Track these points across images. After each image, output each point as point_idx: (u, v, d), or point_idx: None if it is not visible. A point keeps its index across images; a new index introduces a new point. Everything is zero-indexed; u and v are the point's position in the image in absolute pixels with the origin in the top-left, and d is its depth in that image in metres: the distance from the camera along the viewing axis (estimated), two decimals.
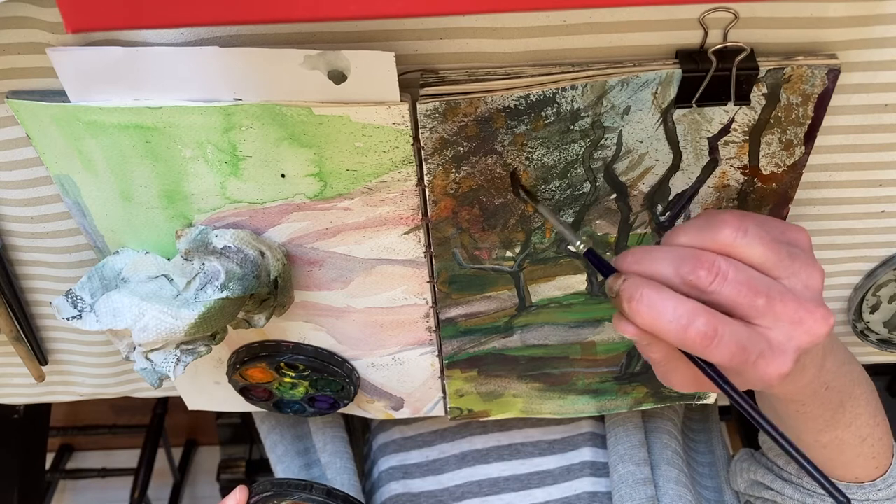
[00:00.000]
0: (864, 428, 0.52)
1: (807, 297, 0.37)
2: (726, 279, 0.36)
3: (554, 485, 0.65)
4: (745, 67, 0.39)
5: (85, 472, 1.59)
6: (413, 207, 0.45)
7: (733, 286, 0.36)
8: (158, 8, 0.29)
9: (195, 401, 0.63)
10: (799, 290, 0.37)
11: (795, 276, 0.37)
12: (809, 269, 0.38)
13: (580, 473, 0.64)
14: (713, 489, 0.67)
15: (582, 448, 0.66)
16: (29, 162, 0.45)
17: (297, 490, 0.52)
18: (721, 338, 0.35)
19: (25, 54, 0.40)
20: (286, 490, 0.52)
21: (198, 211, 0.45)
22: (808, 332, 0.37)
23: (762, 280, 0.37)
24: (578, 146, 0.42)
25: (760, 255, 0.37)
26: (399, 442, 0.71)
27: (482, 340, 0.55)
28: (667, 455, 0.63)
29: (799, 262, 0.38)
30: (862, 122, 0.44)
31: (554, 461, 0.66)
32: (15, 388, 0.62)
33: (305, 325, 0.53)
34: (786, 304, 0.36)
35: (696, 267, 0.36)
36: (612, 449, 0.64)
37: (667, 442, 0.64)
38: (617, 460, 0.62)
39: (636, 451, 0.62)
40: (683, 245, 0.38)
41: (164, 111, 0.40)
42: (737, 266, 0.36)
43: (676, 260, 0.37)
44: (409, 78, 0.40)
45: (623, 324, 0.38)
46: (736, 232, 0.37)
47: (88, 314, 0.45)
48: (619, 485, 0.61)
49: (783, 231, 0.40)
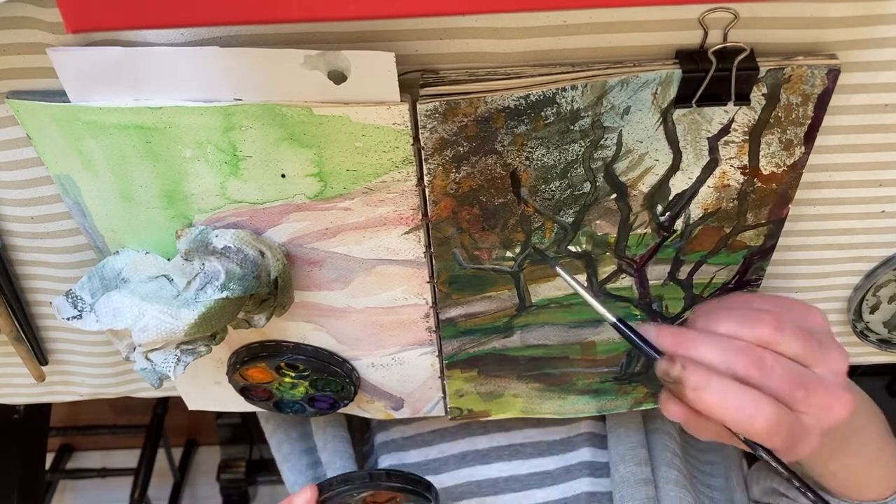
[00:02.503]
0: (872, 454, 0.55)
1: (834, 382, 0.42)
2: (773, 374, 0.40)
3: (553, 485, 0.65)
4: (745, 67, 0.39)
5: (85, 472, 1.59)
6: (413, 207, 0.45)
7: (778, 380, 0.40)
8: (158, 8, 0.29)
9: (195, 401, 0.63)
10: (828, 378, 0.42)
11: (825, 364, 0.42)
12: (835, 355, 0.42)
13: (579, 474, 0.65)
14: (719, 489, 0.67)
15: (581, 448, 0.66)
16: (29, 162, 0.45)
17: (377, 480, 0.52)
18: (781, 427, 0.39)
19: (25, 54, 0.40)
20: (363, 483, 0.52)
21: (198, 211, 0.45)
22: (834, 416, 0.41)
23: (800, 372, 0.41)
24: (578, 146, 0.42)
25: (796, 350, 0.41)
26: (399, 442, 0.71)
27: (482, 340, 0.55)
28: (667, 457, 0.63)
29: (827, 349, 0.42)
30: (862, 122, 0.44)
31: (553, 462, 0.66)
32: (15, 388, 0.62)
33: (305, 325, 0.53)
34: (818, 392, 0.41)
35: (748, 364, 0.40)
36: (612, 449, 0.64)
37: (667, 443, 0.64)
38: (618, 460, 0.63)
39: (637, 451, 0.62)
40: (724, 335, 0.42)
41: (164, 111, 0.40)
42: (781, 362, 0.41)
43: (727, 352, 0.41)
44: (409, 78, 0.40)
45: (672, 408, 0.43)
46: (776, 332, 0.41)
47: (88, 314, 0.45)
48: (620, 485, 0.61)
49: (805, 316, 0.44)
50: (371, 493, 0.53)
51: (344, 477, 0.52)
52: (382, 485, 0.53)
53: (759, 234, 0.48)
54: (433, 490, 0.54)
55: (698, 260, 0.50)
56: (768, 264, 0.50)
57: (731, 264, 0.50)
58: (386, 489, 0.53)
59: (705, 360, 0.41)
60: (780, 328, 0.41)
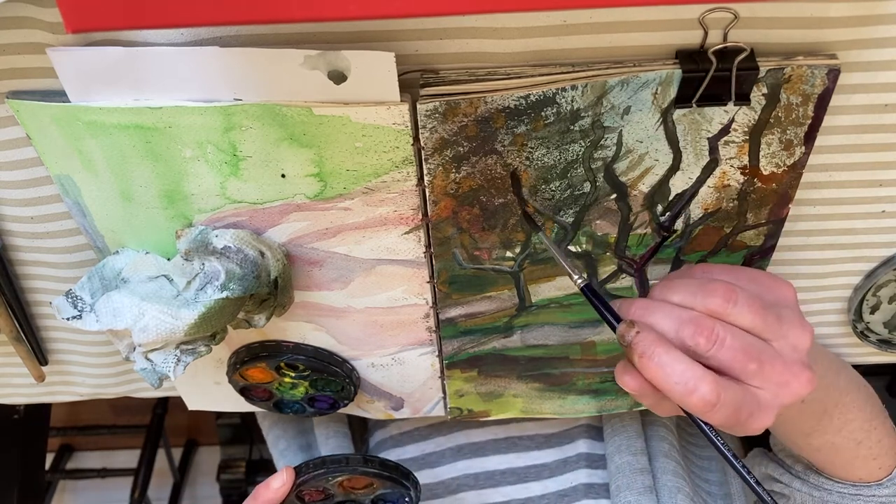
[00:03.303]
0: (858, 432, 0.53)
1: (793, 358, 0.41)
2: (723, 345, 0.39)
3: (550, 478, 0.65)
4: (745, 67, 0.39)
5: (85, 472, 1.59)
6: (413, 207, 0.45)
7: (728, 352, 0.39)
8: (158, 8, 0.29)
9: (195, 401, 0.63)
10: (787, 353, 0.40)
11: (784, 339, 0.41)
12: (797, 331, 0.41)
13: (576, 466, 0.65)
14: (717, 483, 0.68)
15: (577, 441, 0.66)
16: (29, 162, 0.45)
17: (354, 465, 0.52)
18: (721, 404, 0.38)
19: (25, 54, 0.40)
20: (339, 466, 0.52)
21: (198, 211, 0.45)
22: (792, 393, 0.40)
23: (755, 344, 0.40)
24: (578, 146, 0.42)
25: (750, 322, 0.40)
26: (396, 438, 0.71)
27: (482, 340, 0.55)
28: (664, 448, 0.63)
29: (787, 323, 0.41)
30: (862, 122, 0.44)
31: (550, 454, 0.66)
32: (15, 388, 0.62)
33: (305, 325, 0.53)
34: (774, 367, 0.40)
35: (696, 333, 0.39)
36: (608, 440, 0.64)
37: (664, 435, 0.64)
38: (614, 451, 0.63)
39: (633, 441, 0.63)
40: (676, 304, 0.41)
41: (164, 111, 0.40)
42: (733, 332, 0.39)
43: (677, 321, 0.40)
44: (409, 78, 0.40)
45: (626, 377, 0.41)
46: (726, 302, 0.40)
47: (88, 314, 0.45)
48: (617, 475, 0.61)
49: (770, 288, 0.43)
50: (348, 477, 0.53)
51: (321, 460, 0.52)
52: (358, 469, 0.52)
53: (760, 234, 0.48)
54: (412, 478, 0.54)
55: (698, 260, 0.50)
56: (768, 264, 0.50)
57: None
58: (361, 474, 0.53)
59: (657, 327, 0.40)
60: (733, 299, 0.40)
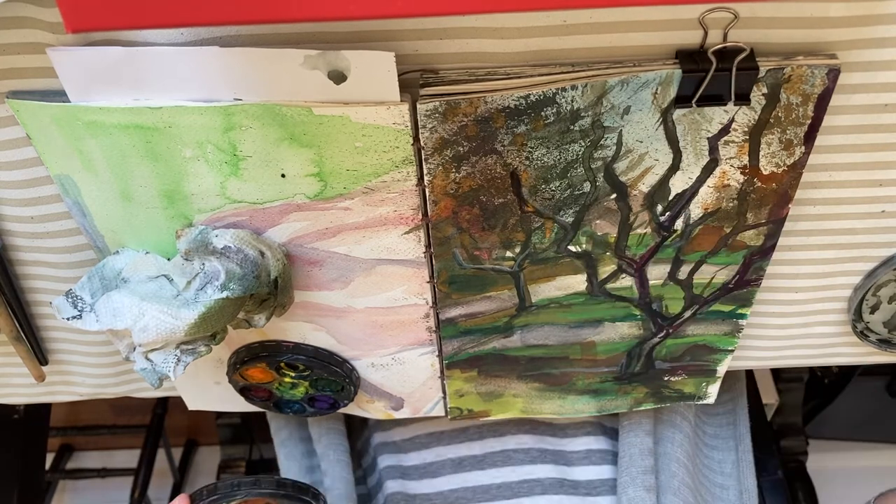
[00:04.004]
0: None
1: None
2: None
3: (543, 494, 0.66)
4: (745, 67, 0.39)
5: (85, 472, 1.59)
6: (413, 207, 0.45)
7: None
8: (158, 8, 0.29)
9: (195, 401, 0.63)
10: None
11: None
12: None
13: (570, 487, 0.66)
14: (729, 475, 0.69)
15: (575, 467, 0.67)
16: (29, 162, 0.45)
17: (243, 487, 0.52)
18: None
19: (25, 54, 0.40)
20: (232, 490, 0.52)
21: (198, 211, 0.45)
22: None
23: None
24: (578, 146, 0.42)
25: None
26: (398, 443, 0.72)
27: (482, 340, 0.55)
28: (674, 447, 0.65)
29: None
30: (862, 122, 0.44)
31: (545, 471, 0.67)
32: (15, 388, 0.62)
33: (305, 325, 0.53)
34: None
35: None
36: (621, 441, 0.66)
37: (674, 435, 0.66)
38: (625, 450, 0.63)
39: (644, 455, 0.63)
40: None
41: (164, 111, 0.40)
42: None
43: None
44: (409, 78, 0.40)
45: None
46: None
47: (88, 314, 0.45)
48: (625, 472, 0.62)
49: None
50: (244, 500, 0.53)
51: (213, 486, 0.52)
52: (253, 492, 0.53)
53: (759, 234, 0.48)
54: (311, 491, 0.54)
55: (698, 260, 0.50)
56: (768, 264, 0.50)
57: (731, 264, 0.50)
58: (257, 496, 0.53)
59: None
60: None
